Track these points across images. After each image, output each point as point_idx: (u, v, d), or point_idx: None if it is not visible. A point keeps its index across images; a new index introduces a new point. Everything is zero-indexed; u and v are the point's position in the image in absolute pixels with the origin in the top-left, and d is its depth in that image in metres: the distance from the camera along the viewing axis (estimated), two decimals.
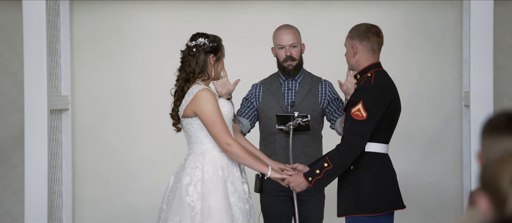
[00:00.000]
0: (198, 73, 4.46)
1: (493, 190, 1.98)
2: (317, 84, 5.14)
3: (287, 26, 5.15)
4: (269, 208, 5.12)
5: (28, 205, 5.50)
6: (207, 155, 4.44)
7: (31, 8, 5.48)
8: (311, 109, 5.07)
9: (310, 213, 5.09)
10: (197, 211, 4.32)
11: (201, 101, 4.38)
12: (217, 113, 4.39)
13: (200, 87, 4.42)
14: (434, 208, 6.57)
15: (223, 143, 4.39)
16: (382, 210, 4.38)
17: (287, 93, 5.12)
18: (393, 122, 4.45)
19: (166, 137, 6.49)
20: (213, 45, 4.48)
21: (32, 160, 5.49)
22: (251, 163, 4.46)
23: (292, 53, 5.06)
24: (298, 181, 4.46)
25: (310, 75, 5.17)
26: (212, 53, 4.48)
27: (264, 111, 5.13)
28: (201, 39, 4.50)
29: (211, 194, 4.34)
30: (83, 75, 6.63)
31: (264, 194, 5.13)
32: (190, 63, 4.48)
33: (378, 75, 4.40)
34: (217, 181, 4.38)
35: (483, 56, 5.37)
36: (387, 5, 6.57)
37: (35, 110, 5.49)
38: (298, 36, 5.11)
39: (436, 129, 6.57)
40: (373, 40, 4.41)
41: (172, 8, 6.64)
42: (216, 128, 4.38)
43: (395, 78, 4.51)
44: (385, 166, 4.42)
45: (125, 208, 6.66)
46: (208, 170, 4.39)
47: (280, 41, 5.08)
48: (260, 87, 5.19)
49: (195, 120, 4.43)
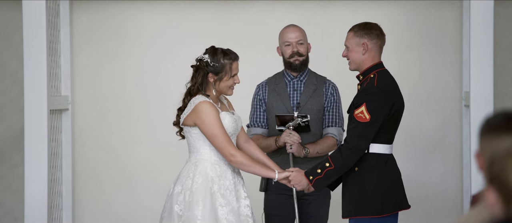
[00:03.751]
0: (197, 89, 4.48)
1: (501, 184, 1.98)
2: (322, 85, 5.14)
3: (294, 25, 5.20)
4: (272, 206, 5.13)
5: (28, 205, 5.50)
6: (200, 165, 4.46)
7: (31, 8, 5.48)
8: (316, 110, 5.08)
9: (314, 212, 5.09)
10: (184, 220, 4.36)
11: (201, 113, 4.40)
12: (218, 125, 4.41)
13: (201, 98, 4.43)
14: (434, 208, 6.57)
15: (227, 154, 4.41)
16: (387, 212, 4.38)
17: (293, 94, 5.12)
18: (397, 122, 4.45)
19: (166, 137, 6.49)
20: (214, 66, 4.47)
21: (32, 160, 5.49)
22: (258, 169, 4.49)
23: (299, 50, 5.08)
24: (299, 178, 4.46)
25: (315, 76, 5.18)
26: (212, 73, 4.48)
27: (269, 112, 5.14)
28: (206, 56, 4.50)
29: (198, 205, 4.36)
30: (83, 75, 6.63)
31: (268, 193, 5.14)
32: (193, 77, 4.51)
33: (381, 76, 4.39)
34: (206, 192, 4.39)
35: (483, 56, 5.36)
36: (387, 5, 6.57)
37: (35, 111, 5.49)
38: (304, 34, 5.15)
39: (436, 129, 6.56)
40: (382, 39, 4.43)
41: (172, 8, 6.64)
42: (219, 140, 4.41)
43: (395, 78, 4.51)
44: (390, 166, 4.41)
45: (125, 208, 6.65)
46: (197, 180, 4.41)
47: (286, 38, 5.10)
48: (266, 87, 5.19)
49: (193, 129, 4.46)
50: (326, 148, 5.03)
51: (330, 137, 5.05)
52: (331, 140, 5.04)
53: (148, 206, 6.54)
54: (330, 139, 5.05)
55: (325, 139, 5.05)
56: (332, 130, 5.07)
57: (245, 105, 5.34)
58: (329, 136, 5.06)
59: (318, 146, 5.00)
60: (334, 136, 5.05)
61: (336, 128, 5.07)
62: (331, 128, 5.08)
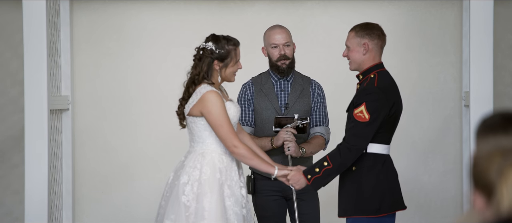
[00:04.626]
0: (202, 77, 4.46)
1: (483, 184, 1.96)
2: (308, 85, 5.13)
3: (279, 25, 5.13)
4: (263, 208, 5.11)
5: (28, 205, 5.50)
6: (207, 156, 4.44)
7: (31, 8, 5.48)
8: (304, 110, 5.07)
9: (307, 210, 5.09)
10: (192, 211, 4.33)
11: (208, 103, 4.38)
12: (224, 115, 4.39)
13: (208, 88, 4.41)
14: (434, 208, 6.57)
15: (230, 145, 4.40)
16: (384, 212, 4.38)
17: (280, 94, 5.09)
18: (395, 123, 4.45)
19: (166, 137, 6.50)
20: (220, 53, 4.46)
21: (32, 160, 5.49)
22: (258, 163, 4.47)
23: (286, 52, 5.04)
24: (297, 178, 4.46)
25: (301, 76, 5.15)
26: (217, 60, 4.47)
27: (257, 113, 5.10)
28: (210, 43, 4.48)
29: (206, 196, 4.34)
30: (83, 75, 6.63)
31: (257, 195, 5.12)
32: (197, 66, 4.48)
33: (381, 76, 4.39)
34: (214, 183, 4.38)
35: (483, 56, 5.36)
36: (387, 5, 6.57)
37: (35, 111, 5.49)
38: (290, 35, 5.09)
39: (436, 129, 6.56)
40: (382, 39, 4.43)
41: (172, 8, 6.64)
42: (223, 130, 4.39)
43: (395, 78, 4.51)
44: (387, 167, 4.42)
45: (125, 208, 6.66)
46: (206, 171, 4.39)
47: (273, 40, 5.05)
48: (252, 87, 5.15)
49: (200, 119, 4.43)
50: (318, 147, 5.05)
51: (319, 136, 5.07)
52: (320, 139, 5.06)
53: (148, 206, 6.54)
54: (319, 138, 5.06)
55: (315, 138, 5.06)
56: (319, 129, 5.08)
57: None
58: (318, 135, 5.07)
59: (311, 145, 5.01)
60: (322, 135, 5.07)
61: (323, 127, 5.10)
62: (319, 127, 5.09)
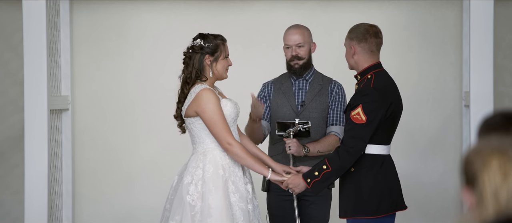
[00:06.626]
0: (195, 75, 4.46)
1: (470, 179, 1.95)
2: (328, 84, 5.15)
3: (295, 26, 5.16)
4: (275, 208, 5.13)
5: (28, 205, 5.50)
6: (209, 154, 4.44)
7: (31, 8, 5.48)
8: (321, 109, 5.08)
9: (315, 213, 5.09)
10: (197, 210, 4.32)
11: (201, 101, 4.39)
12: (218, 113, 4.39)
13: (202, 87, 4.42)
14: (434, 208, 6.57)
15: (224, 142, 4.39)
16: (383, 212, 4.38)
17: (298, 92, 5.13)
18: (394, 123, 4.44)
19: (166, 137, 6.50)
20: (209, 46, 4.48)
21: (32, 160, 5.49)
22: (251, 164, 4.45)
23: (298, 53, 5.07)
24: (297, 182, 4.46)
25: (321, 76, 5.17)
26: (208, 54, 4.48)
27: (274, 109, 5.14)
28: (198, 40, 4.52)
29: (211, 193, 4.34)
30: (83, 75, 6.63)
31: (271, 194, 5.14)
32: (188, 65, 4.49)
33: (378, 77, 4.39)
34: (218, 181, 4.38)
35: (483, 56, 5.36)
36: (387, 5, 6.57)
37: (35, 111, 5.49)
38: (306, 36, 5.11)
39: (436, 129, 6.56)
40: (371, 42, 4.39)
41: (172, 8, 6.64)
42: (217, 128, 4.39)
43: (395, 78, 4.51)
44: (386, 167, 4.41)
45: (125, 207, 6.66)
46: (208, 169, 4.39)
47: (286, 41, 5.11)
48: (272, 86, 5.20)
49: (197, 119, 4.44)
50: (328, 145, 5.01)
51: (333, 135, 5.05)
52: (333, 138, 5.03)
53: (148, 206, 6.54)
54: (332, 137, 5.04)
55: (328, 137, 5.04)
56: (335, 128, 5.07)
57: (246, 105, 5.33)
58: (332, 134, 5.05)
59: (320, 144, 4.99)
60: (337, 134, 5.04)
61: (339, 126, 5.06)
62: (335, 126, 5.07)
